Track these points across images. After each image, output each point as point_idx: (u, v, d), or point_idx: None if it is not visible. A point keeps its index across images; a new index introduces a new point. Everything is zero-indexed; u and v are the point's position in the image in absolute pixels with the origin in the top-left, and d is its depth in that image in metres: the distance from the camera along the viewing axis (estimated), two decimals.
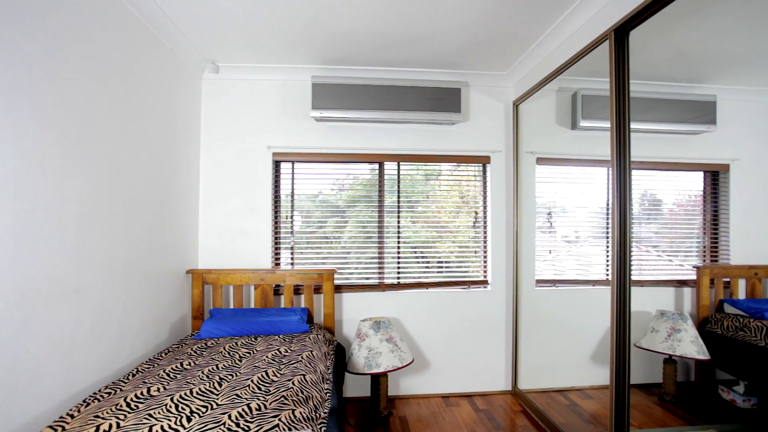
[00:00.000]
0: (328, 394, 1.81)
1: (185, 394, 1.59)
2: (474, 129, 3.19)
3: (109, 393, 1.62)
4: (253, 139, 3.01)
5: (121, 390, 1.64)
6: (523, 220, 3.10)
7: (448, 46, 2.64)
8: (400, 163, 3.18)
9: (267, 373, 1.84)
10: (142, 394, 1.59)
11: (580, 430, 2.56)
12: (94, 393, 1.62)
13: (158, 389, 1.64)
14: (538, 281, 3.11)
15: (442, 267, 3.26)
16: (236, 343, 2.27)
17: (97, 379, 1.82)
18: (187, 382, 1.72)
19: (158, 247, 2.38)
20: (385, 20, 2.31)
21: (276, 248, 3.09)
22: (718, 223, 2.94)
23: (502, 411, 2.86)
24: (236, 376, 1.81)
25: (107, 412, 1.43)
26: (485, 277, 3.25)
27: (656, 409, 2.75)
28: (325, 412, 1.63)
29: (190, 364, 1.95)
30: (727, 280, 2.85)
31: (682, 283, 2.99)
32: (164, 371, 1.85)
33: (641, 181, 3.06)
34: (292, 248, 3.12)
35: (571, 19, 2.25)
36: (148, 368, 1.91)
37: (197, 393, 1.61)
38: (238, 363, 1.99)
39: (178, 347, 2.24)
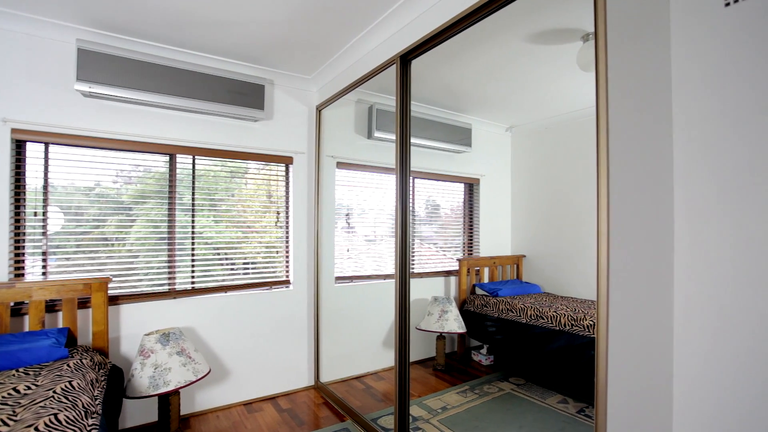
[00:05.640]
0: (94, 431, 1.49)
1: None
2: (278, 128, 3.16)
3: None
4: None
5: None
6: (324, 221, 3.26)
7: (252, 40, 2.55)
8: (197, 157, 2.88)
9: None
10: None
11: (373, 408, 2.86)
12: None
13: None
14: (338, 278, 3.33)
15: (248, 268, 3.11)
16: None
17: None
18: None
19: None
20: None
21: (18, 254, 2.36)
22: (473, 224, 3.82)
23: (306, 407, 2.93)
24: None
25: None
26: (287, 276, 3.27)
27: (431, 378, 3.31)
28: None
29: None
30: (478, 268, 3.71)
31: (449, 273, 3.71)
32: None
33: (425, 189, 3.67)
34: (44, 253, 2.45)
35: (367, 39, 2.48)
36: None
37: None
38: None
39: None
